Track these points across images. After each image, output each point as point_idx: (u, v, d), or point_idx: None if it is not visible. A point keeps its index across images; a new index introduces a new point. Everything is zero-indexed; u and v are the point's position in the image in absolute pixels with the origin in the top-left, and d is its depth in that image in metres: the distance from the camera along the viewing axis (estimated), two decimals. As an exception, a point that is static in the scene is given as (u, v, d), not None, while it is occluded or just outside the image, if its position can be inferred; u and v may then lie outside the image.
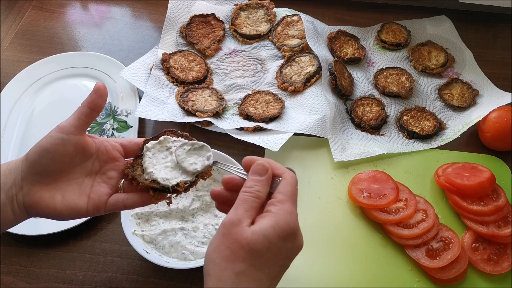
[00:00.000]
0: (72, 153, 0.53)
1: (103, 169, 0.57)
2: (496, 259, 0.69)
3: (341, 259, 0.71)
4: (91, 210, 0.54)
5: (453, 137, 0.84)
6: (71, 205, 0.53)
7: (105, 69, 0.92)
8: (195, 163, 0.57)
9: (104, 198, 0.55)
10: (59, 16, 1.05)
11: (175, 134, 0.60)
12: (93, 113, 0.54)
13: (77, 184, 0.54)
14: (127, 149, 0.60)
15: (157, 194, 0.56)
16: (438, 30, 1.00)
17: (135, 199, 0.56)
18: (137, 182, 0.56)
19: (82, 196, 0.54)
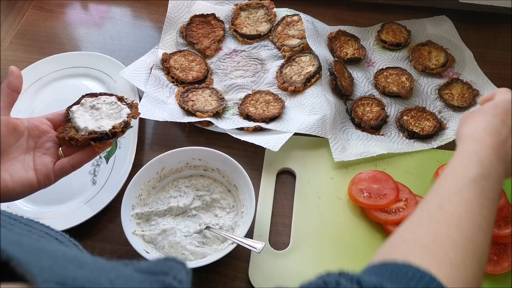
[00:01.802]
0: (5, 133, 0.56)
1: (38, 143, 0.60)
2: (496, 259, 0.69)
3: (341, 259, 0.71)
4: (42, 180, 0.57)
5: (453, 137, 0.84)
6: (21, 180, 0.55)
7: (105, 69, 0.92)
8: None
9: (50, 167, 0.58)
10: (59, 16, 1.05)
11: (94, 95, 0.66)
12: (13, 94, 0.59)
13: (19, 162, 0.57)
14: (53, 121, 0.63)
15: (99, 143, 0.60)
16: (438, 30, 1.00)
17: (80, 156, 0.60)
18: (75, 140, 0.59)
19: (28, 170, 0.57)
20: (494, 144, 0.56)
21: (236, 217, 0.73)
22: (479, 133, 0.58)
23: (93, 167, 0.81)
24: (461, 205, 0.49)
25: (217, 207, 0.74)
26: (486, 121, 0.59)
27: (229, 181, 0.76)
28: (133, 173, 0.74)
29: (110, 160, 0.81)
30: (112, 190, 0.76)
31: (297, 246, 0.72)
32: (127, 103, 0.66)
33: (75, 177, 0.79)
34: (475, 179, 0.52)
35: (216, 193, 0.75)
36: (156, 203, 0.74)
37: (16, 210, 0.76)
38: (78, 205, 0.76)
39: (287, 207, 0.77)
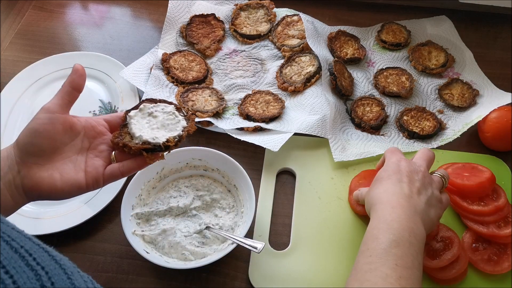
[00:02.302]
0: (61, 131, 0.55)
1: (92, 144, 0.59)
2: (496, 259, 0.69)
3: (341, 259, 0.71)
4: (90, 183, 0.56)
5: (453, 137, 0.84)
6: (70, 181, 0.54)
7: (105, 69, 0.92)
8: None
9: (101, 170, 0.57)
10: (59, 16, 1.05)
11: (153, 101, 0.63)
12: (74, 93, 0.57)
13: (71, 161, 0.56)
14: (110, 123, 0.62)
15: (151, 154, 0.59)
16: (438, 30, 1.00)
17: (130, 165, 0.58)
18: (128, 147, 0.58)
19: (79, 172, 0.56)
20: (399, 202, 0.59)
21: (236, 217, 0.73)
22: (382, 197, 0.61)
23: (93, 167, 0.81)
24: (379, 284, 0.50)
25: (217, 207, 0.74)
26: (384, 185, 0.63)
27: (229, 181, 0.76)
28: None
29: (110, 160, 0.81)
30: (112, 190, 0.76)
31: (297, 246, 0.72)
32: (185, 114, 0.63)
33: (75, 177, 0.79)
34: (387, 249, 0.53)
35: (216, 193, 0.75)
36: (156, 203, 0.74)
37: (16, 210, 0.76)
38: (78, 205, 0.76)
39: (287, 207, 0.77)
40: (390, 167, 0.65)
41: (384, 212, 0.59)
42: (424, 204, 0.61)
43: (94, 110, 0.88)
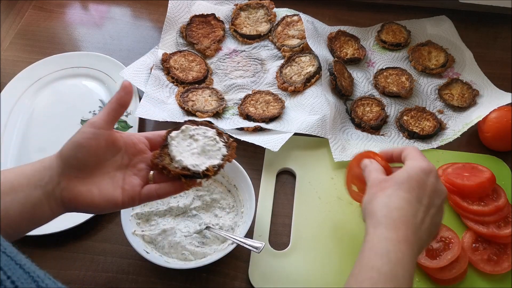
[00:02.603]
0: (104, 147, 0.55)
1: (132, 162, 0.59)
2: (496, 259, 0.69)
3: (341, 259, 0.71)
4: (126, 201, 0.56)
5: (453, 137, 0.84)
6: (107, 197, 0.55)
7: (105, 69, 0.92)
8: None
9: (137, 189, 0.57)
10: (59, 16, 1.05)
11: (195, 123, 0.62)
12: (121, 109, 0.57)
13: (110, 177, 0.56)
14: (152, 141, 0.61)
15: (189, 181, 0.58)
16: (438, 30, 1.00)
17: (167, 188, 0.58)
18: (167, 170, 0.57)
19: (116, 188, 0.56)
20: (407, 235, 0.52)
21: (236, 217, 0.73)
22: (392, 218, 0.52)
23: (93, 167, 0.81)
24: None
25: (217, 207, 0.74)
26: (400, 198, 0.54)
27: (229, 181, 0.76)
28: (133, 173, 0.74)
29: (110, 160, 0.81)
30: (112, 190, 0.76)
31: (297, 246, 0.72)
32: (225, 141, 0.61)
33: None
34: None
35: (216, 193, 0.75)
36: (156, 203, 0.74)
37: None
38: (78, 205, 0.76)
39: (287, 207, 0.77)
40: (416, 174, 0.56)
41: (388, 244, 0.51)
42: (425, 237, 0.54)
43: (94, 110, 0.88)
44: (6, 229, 0.51)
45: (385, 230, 0.51)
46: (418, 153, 0.60)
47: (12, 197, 0.52)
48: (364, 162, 0.63)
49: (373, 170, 0.60)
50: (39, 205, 0.53)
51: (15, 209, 0.51)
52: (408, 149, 0.61)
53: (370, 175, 0.60)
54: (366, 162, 0.63)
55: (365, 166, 0.63)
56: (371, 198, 0.56)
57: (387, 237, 0.51)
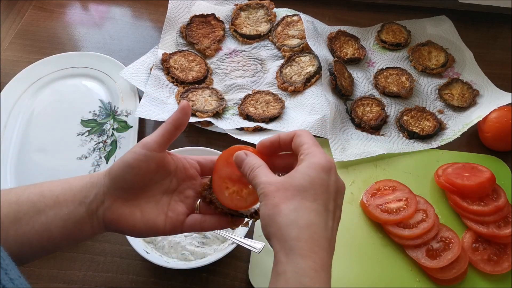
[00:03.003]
0: (154, 170, 0.53)
1: (180, 187, 0.56)
2: (496, 259, 0.69)
3: (341, 259, 0.71)
4: (168, 228, 0.54)
5: (453, 137, 0.84)
6: (149, 222, 0.52)
7: (105, 69, 0.92)
8: None
9: (181, 218, 0.55)
10: (59, 16, 1.05)
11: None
12: (176, 132, 0.54)
13: (155, 201, 0.54)
14: (204, 167, 0.58)
15: (236, 219, 0.55)
16: (438, 30, 1.00)
17: (213, 222, 0.55)
18: (215, 206, 0.55)
19: (160, 214, 0.53)
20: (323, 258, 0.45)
21: (236, 217, 0.73)
22: (304, 240, 0.44)
23: (93, 167, 0.81)
24: None
25: (217, 207, 0.74)
26: (308, 211, 0.45)
27: (229, 181, 0.75)
28: (133, 173, 0.74)
29: (110, 160, 0.81)
30: (112, 190, 0.76)
31: (297, 246, 0.72)
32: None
33: (75, 177, 0.79)
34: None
35: (216, 193, 0.75)
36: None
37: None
38: (78, 205, 0.76)
39: (287, 207, 0.77)
40: (319, 177, 0.47)
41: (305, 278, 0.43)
42: (334, 242, 0.48)
43: (94, 110, 0.88)
44: (45, 244, 0.50)
45: (300, 259, 0.43)
46: (314, 143, 0.50)
47: (55, 212, 0.50)
48: (239, 155, 0.51)
49: (258, 169, 0.49)
50: (82, 222, 0.51)
51: (57, 224, 0.50)
52: (301, 137, 0.51)
53: (257, 178, 0.48)
54: (241, 155, 0.51)
55: (241, 160, 0.51)
56: (273, 213, 0.45)
57: (303, 268, 0.43)
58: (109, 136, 0.84)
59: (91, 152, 0.82)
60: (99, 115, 0.87)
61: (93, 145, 0.83)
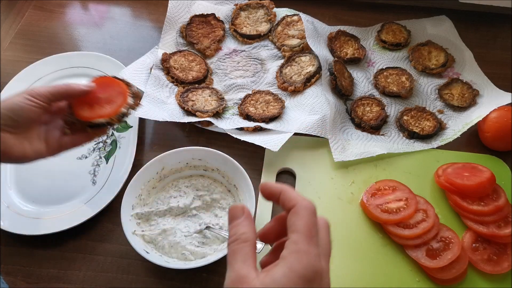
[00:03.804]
0: (40, 113, 0.62)
1: (54, 118, 0.66)
2: (496, 259, 0.69)
3: (340, 259, 0.71)
4: (51, 152, 0.65)
5: (453, 137, 0.84)
6: (36, 149, 0.63)
7: (105, 69, 0.92)
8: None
9: (56, 141, 0.65)
10: (59, 16, 1.05)
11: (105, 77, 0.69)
12: (66, 97, 0.64)
13: (36, 132, 0.64)
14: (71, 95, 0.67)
15: (95, 130, 0.66)
16: (438, 30, 1.00)
17: (80, 138, 0.67)
18: (76, 125, 0.65)
19: (42, 141, 0.64)
20: None
21: (236, 217, 0.73)
22: None
23: (93, 167, 0.81)
24: None
25: (217, 207, 0.74)
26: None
27: (229, 181, 0.76)
28: (133, 173, 0.74)
29: (110, 160, 0.81)
30: (112, 190, 0.76)
31: (297, 246, 0.72)
32: (132, 91, 0.68)
33: (75, 177, 0.80)
34: None
35: (216, 193, 0.75)
36: (156, 203, 0.74)
37: (16, 210, 0.76)
38: (78, 205, 0.76)
39: (287, 207, 0.77)
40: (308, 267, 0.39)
41: None
42: None
43: (94, 110, 0.88)
44: None
45: None
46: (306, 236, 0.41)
47: None
48: (236, 210, 0.46)
49: (242, 245, 0.44)
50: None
51: None
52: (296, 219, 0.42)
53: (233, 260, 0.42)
54: (238, 211, 0.46)
55: (234, 216, 0.46)
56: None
57: None
58: (109, 136, 0.84)
59: (91, 152, 0.82)
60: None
61: (93, 145, 0.83)
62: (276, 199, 0.46)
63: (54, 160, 0.81)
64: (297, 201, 0.43)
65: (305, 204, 0.43)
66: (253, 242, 0.44)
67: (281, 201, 0.45)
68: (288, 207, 0.43)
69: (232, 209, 0.46)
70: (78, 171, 0.80)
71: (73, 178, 0.80)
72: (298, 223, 0.42)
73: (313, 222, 0.42)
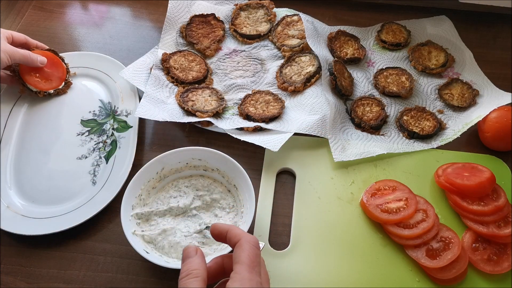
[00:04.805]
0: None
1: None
2: (496, 259, 0.69)
3: (341, 259, 0.71)
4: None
5: (453, 137, 0.84)
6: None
7: (105, 69, 0.92)
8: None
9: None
10: (59, 16, 1.05)
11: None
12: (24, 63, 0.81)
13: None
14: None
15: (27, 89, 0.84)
16: (438, 30, 1.00)
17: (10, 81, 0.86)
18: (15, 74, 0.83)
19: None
20: None
21: (236, 217, 0.73)
22: None
23: (93, 167, 0.81)
24: None
25: (217, 207, 0.74)
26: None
27: (229, 181, 0.76)
28: (133, 173, 0.74)
29: (110, 160, 0.81)
30: (112, 190, 0.76)
31: (297, 246, 0.72)
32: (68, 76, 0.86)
33: (75, 177, 0.80)
34: None
35: (216, 193, 0.75)
36: (156, 203, 0.74)
37: (16, 210, 0.76)
38: (78, 205, 0.76)
39: (287, 207, 0.77)
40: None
41: None
42: None
43: (94, 110, 0.88)
44: None
45: None
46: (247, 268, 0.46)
47: None
48: (190, 250, 0.52)
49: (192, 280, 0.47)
50: None
51: None
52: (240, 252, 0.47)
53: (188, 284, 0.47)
54: (191, 252, 0.52)
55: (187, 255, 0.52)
56: None
57: None
58: (109, 136, 0.84)
59: (91, 152, 0.82)
60: (99, 115, 0.87)
61: (93, 145, 0.83)
62: (223, 238, 0.50)
63: (54, 160, 0.82)
64: (242, 236, 0.48)
65: (248, 238, 0.48)
66: (204, 278, 0.47)
67: (228, 239, 0.49)
68: (234, 242, 0.48)
69: (186, 249, 0.51)
70: (78, 171, 0.80)
71: (73, 178, 0.80)
72: (242, 254, 0.46)
73: (255, 253, 0.47)
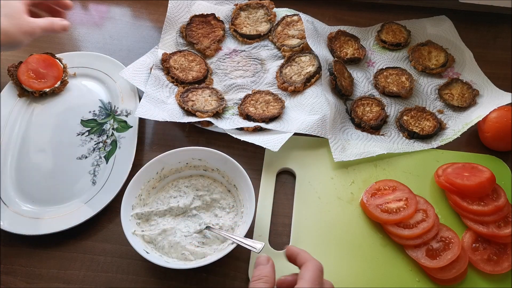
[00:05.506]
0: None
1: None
2: (496, 259, 0.69)
3: (341, 259, 0.71)
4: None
5: (453, 137, 0.84)
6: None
7: (105, 69, 0.92)
8: None
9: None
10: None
11: None
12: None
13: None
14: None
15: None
16: (438, 30, 1.00)
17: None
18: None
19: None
20: None
21: (236, 217, 0.73)
22: None
23: (93, 167, 0.81)
24: None
25: (217, 207, 0.74)
26: None
27: (229, 181, 0.76)
28: (133, 173, 0.74)
29: (110, 160, 0.81)
30: (112, 190, 0.76)
31: (297, 246, 0.72)
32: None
33: (75, 177, 0.80)
34: None
35: (216, 193, 0.75)
36: (156, 203, 0.74)
37: (16, 210, 0.76)
38: (78, 205, 0.76)
39: (287, 207, 0.77)
40: None
41: None
42: None
43: (94, 110, 0.88)
44: None
45: None
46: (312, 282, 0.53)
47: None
48: (261, 258, 0.59)
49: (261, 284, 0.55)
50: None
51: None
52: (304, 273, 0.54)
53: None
54: (262, 260, 0.58)
55: (259, 262, 0.58)
56: None
57: None
58: (109, 136, 0.84)
59: (91, 152, 0.82)
60: (99, 115, 0.87)
61: (93, 145, 0.83)
62: (294, 259, 0.58)
63: (54, 160, 0.82)
64: (309, 259, 0.55)
65: (315, 262, 0.55)
66: (272, 285, 0.54)
67: (298, 261, 0.57)
68: (301, 263, 0.55)
69: (259, 257, 0.58)
70: (78, 171, 0.80)
71: (73, 178, 0.80)
72: (306, 274, 0.53)
73: (318, 275, 0.53)
